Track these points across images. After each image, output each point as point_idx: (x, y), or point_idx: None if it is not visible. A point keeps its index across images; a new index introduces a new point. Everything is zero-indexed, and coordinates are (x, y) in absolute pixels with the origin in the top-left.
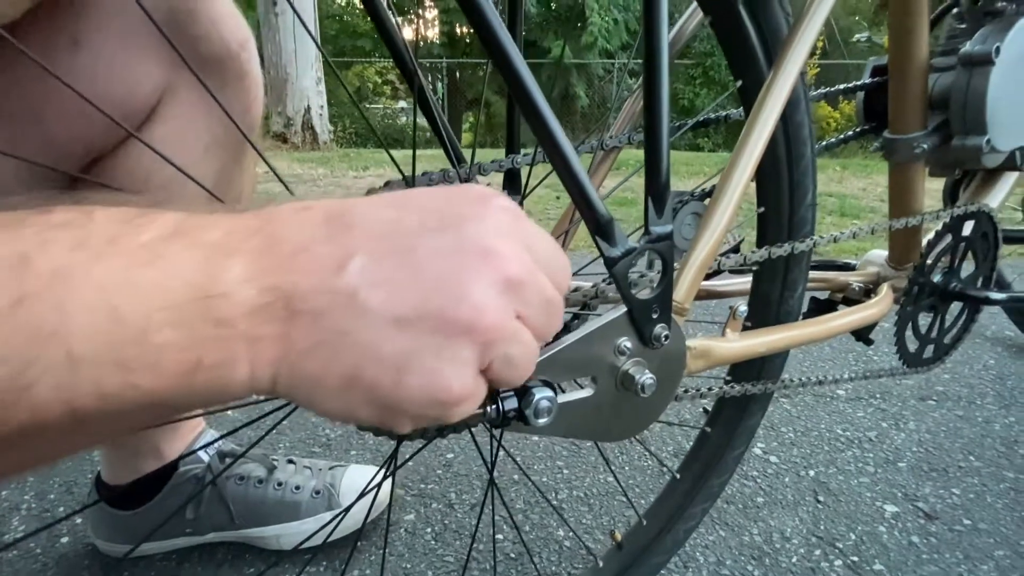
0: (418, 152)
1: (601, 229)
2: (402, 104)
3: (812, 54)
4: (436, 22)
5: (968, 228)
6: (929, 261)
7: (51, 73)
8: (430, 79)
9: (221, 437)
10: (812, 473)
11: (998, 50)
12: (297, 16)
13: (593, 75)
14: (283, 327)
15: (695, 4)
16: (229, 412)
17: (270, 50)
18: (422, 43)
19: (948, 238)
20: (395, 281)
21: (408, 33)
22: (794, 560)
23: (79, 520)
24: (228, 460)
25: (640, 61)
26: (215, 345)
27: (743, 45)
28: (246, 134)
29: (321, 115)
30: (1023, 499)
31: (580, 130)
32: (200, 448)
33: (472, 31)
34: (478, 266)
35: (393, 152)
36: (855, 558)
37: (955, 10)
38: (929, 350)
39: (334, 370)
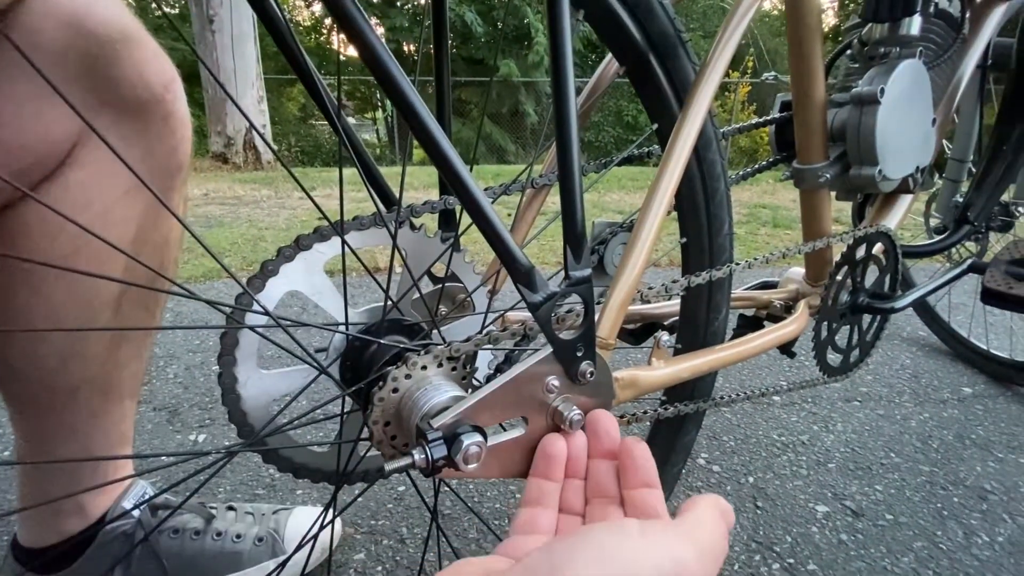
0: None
1: (522, 277)
2: (351, 120)
3: (744, 73)
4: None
5: (870, 248)
6: (838, 279)
7: None
8: (378, 95)
9: (158, 494)
10: (751, 480)
11: (883, 91)
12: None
13: (541, 93)
14: None
15: (610, 55)
16: (163, 458)
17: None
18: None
19: (853, 257)
20: None
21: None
22: (736, 568)
23: None
24: (161, 513)
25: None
26: None
27: (656, 92)
28: (165, 176)
29: (264, 134)
30: (937, 491)
31: (531, 145)
32: (133, 507)
33: (418, 48)
34: None
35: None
36: (791, 560)
37: (849, 51)
38: (846, 358)
39: None
